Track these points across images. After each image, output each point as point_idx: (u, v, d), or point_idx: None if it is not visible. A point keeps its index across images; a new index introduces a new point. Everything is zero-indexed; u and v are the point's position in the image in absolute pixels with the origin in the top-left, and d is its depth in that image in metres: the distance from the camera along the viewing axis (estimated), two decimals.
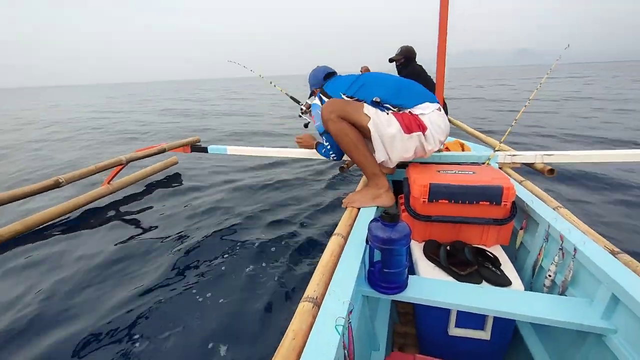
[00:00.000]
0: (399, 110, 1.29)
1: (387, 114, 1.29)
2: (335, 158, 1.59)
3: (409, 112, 1.29)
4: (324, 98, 1.48)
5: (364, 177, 1.55)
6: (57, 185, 1.87)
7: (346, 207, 1.30)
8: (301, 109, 1.81)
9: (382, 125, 1.27)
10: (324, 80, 1.64)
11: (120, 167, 2.58)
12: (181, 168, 3.76)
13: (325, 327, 0.65)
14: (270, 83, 2.62)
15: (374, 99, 1.31)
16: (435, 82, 1.75)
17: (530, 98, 1.90)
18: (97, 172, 2.18)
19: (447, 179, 1.14)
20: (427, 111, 1.28)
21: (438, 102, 1.35)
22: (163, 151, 2.53)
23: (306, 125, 1.94)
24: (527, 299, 0.86)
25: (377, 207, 1.30)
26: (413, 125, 1.26)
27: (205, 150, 2.50)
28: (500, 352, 1.04)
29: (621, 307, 0.76)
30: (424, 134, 1.27)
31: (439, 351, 1.03)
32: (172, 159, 3.59)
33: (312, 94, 1.73)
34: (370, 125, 1.28)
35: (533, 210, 1.17)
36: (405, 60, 2.72)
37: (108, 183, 2.79)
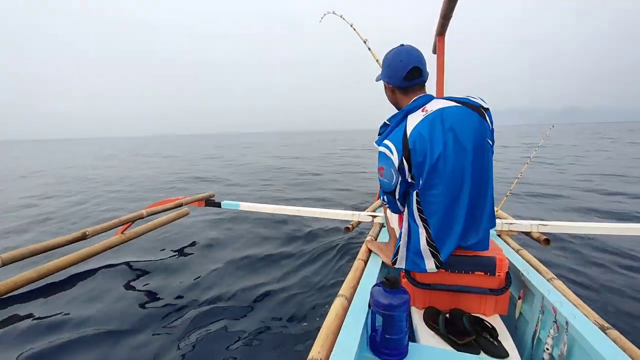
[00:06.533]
0: None
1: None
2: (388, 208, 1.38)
3: None
4: (388, 146, 1.09)
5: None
6: (84, 237, 2.00)
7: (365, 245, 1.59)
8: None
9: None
10: (405, 80, 1.12)
11: (139, 219, 2.72)
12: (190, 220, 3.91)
13: None
14: None
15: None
16: None
17: (532, 156, 2.00)
18: (120, 225, 2.32)
19: None
20: None
21: None
22: (180, 205, 2.68)
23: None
24: None
25: (379, 271, 1.38)
26: None
27: (218, 205, 2.65)
28: None
29: None
30: None
31: None
32: (184, 211, 3.73)
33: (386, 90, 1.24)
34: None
35: (529, 280, 1.23)
36: None
37: (122, 233, 2.91)
